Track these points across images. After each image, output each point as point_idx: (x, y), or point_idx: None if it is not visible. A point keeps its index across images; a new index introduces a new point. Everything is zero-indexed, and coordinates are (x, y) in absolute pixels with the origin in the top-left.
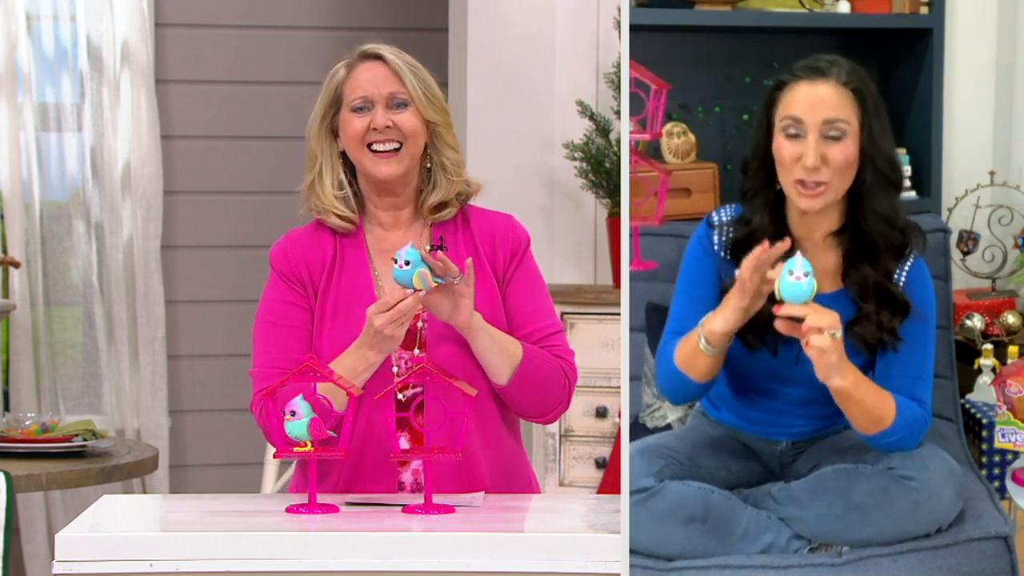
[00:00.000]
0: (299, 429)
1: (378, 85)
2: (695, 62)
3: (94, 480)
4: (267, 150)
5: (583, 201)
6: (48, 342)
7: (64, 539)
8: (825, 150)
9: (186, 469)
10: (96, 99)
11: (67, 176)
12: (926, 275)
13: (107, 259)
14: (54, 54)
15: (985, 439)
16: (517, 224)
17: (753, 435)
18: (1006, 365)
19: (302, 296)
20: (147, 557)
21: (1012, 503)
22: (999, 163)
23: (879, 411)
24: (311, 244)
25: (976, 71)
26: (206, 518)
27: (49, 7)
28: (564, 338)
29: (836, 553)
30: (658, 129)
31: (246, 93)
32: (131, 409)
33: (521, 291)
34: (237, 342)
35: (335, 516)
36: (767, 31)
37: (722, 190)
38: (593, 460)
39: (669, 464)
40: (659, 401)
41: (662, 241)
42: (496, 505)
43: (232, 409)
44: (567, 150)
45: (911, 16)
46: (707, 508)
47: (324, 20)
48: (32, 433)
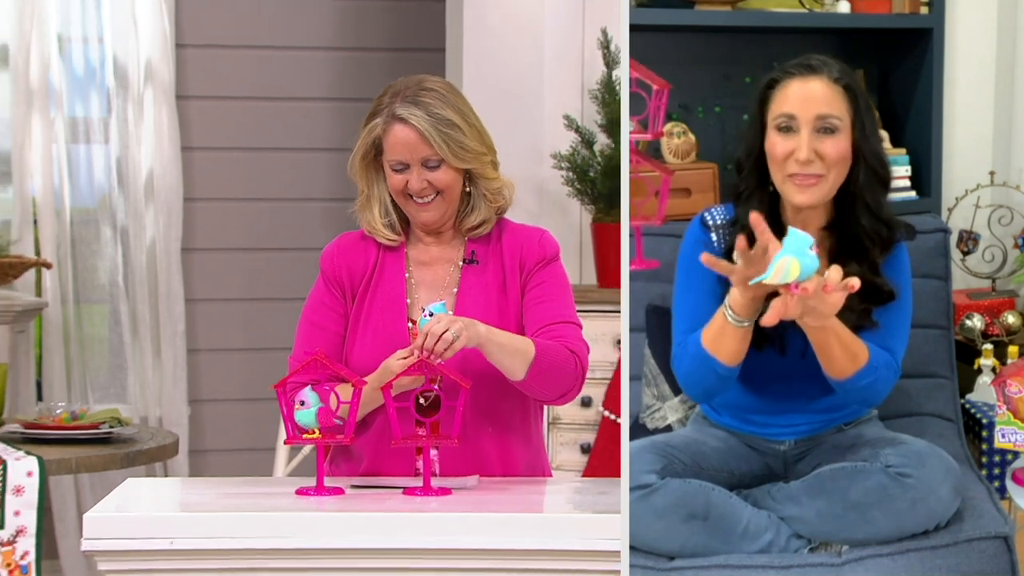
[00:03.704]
0: (307, 417)
1: (411, 150)
2: (695, 62)
3: (119, 464)
4: (279, 160)
5: (569, 208)
6: (77, 337)
7: (92, 519)
8: (818, 144)
9: (204, 454)
10: (122, 114)
11: (95, 184)
12: (904, 256)
13: (132, 261)
14: (83, 72)
15: (985, 439)
16: (546, 236)
17: (756, 436)
18: (1006, 365)
19: (339, 302)
20: (168, 535)
21: (1012, 503)
22: (999, 163)
23: (854, 347)
24: (357, 250)
25: (976, 71)
26: (223, 499)
27: (79, 29)
28: (577, 331)
29: (836, 553)
30: (659, 129)
31: (259, 108)
32: (154, 399)
33: (541, 287)
34: (251, 337)
35: (341, 498)
36: (767, 31)
37: (722, 190)
38: (579, 446)
39: (672, 463)
40: (659, 402)
41: (663, 241)
42: (490, 487)
43: (247, 399)
44: (555, 160)
45: (911, 16)
46: (708, 506)
47: (331, 41)
48: (63, 421)
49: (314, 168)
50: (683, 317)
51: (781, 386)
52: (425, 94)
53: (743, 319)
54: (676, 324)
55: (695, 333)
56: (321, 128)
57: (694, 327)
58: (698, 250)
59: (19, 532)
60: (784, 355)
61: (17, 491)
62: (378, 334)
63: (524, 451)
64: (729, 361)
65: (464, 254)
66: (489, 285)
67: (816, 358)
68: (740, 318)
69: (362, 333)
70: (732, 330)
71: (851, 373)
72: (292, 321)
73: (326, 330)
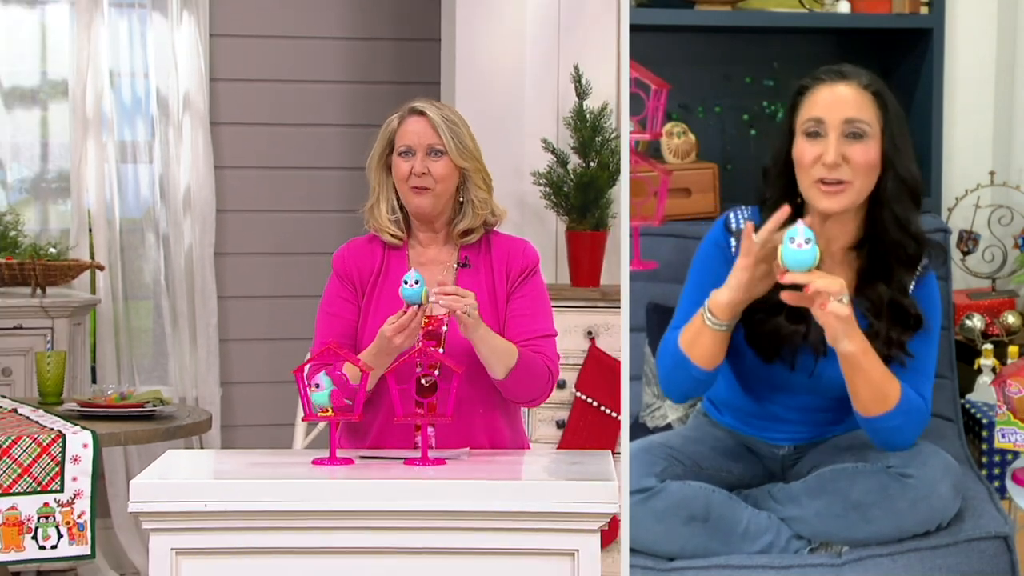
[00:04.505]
0: (322, 398)
1: (420, 136)
2: (695, 62)
3: (161, 438)
4: (299, 177)
5: (547, 218)
6: (126, 329)
7: (138, 485)
8: (846, 149)
9: (234, 429)
10: (164, 138)
11: (141, 198)
12: (935, 284)
13: (172, 263)
14: (131, 103)
15: (985, 439)
16: (529, 247)
17: (756, 438)
18: (1006, 365)
19: (352, 293)
20: (203, 499)
21: (1012, 503)
22: (999, 163)
23: (885, 387)
24: (364, 252)
25: (976, 71)
26: (249, 468)
27: (127, 65)
28: (553, 343)
29: (836, 553)
30: (658, 129)
31: (281, 133)
32: (191, 381)
33: (524, 299)
34: (275, 328)
35: (351, 467)
36: (767, 31)
37: (722, 190)
38: (555, 422)
39: (671, 465)
40: (659, 400)
41: (662, 241)
42: (479, 458)
43: (271, 381)
44: (534, 177)
45: (911, 16)
46: (708, 507)
47: (343, 75)
48: (113, 400)
49: (328, 184)
50: (679, 313)
51: (786, 398)
52: (438, 103)
53: (721, 322)
54: (673, 317)
55: (676, 331)
56: (333, 150)
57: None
58: (714, 253)
59: (77, 495)
60: (793, 371)
61: (75, 460)
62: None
63: (507, 427)
64: (705, 364)
65: (457, 258)
66: (481, 287)
67: (823, 377)
68: (718, 321)
69: (371, 323)
70: (709, 333)
71: (878, 413)
72: (309, 315)
73: (342, 318)
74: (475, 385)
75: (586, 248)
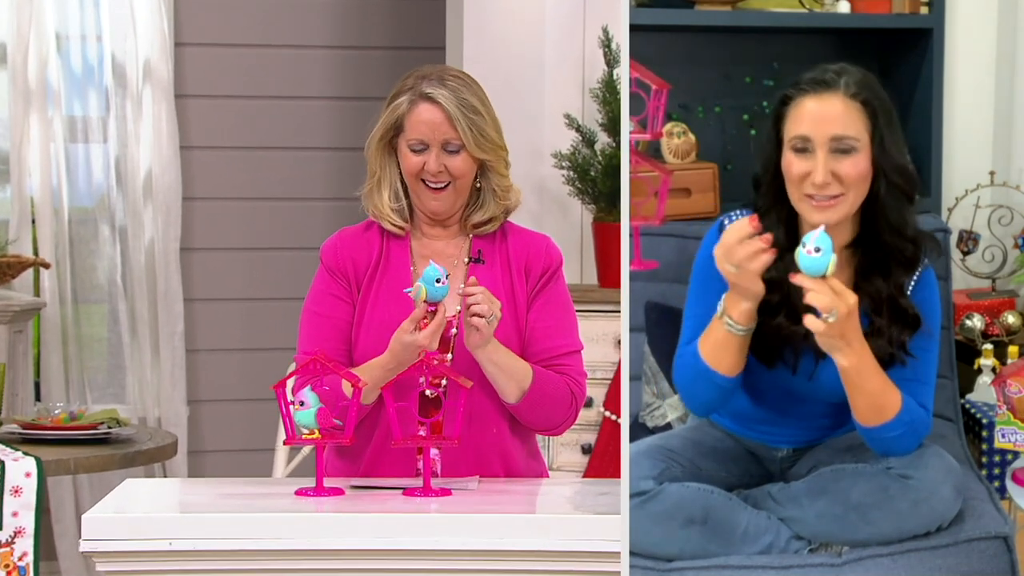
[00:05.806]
0: (307, 418)
1: (434, 130)
2: (695, 62)
3: (118, 465)
4: (278, 159)
5: (570, 207)
6: (76, 337)
7: (90, 519)
8: (835, 165)
9: (203, 455)
10: (120, 112)
11: (93, 184)
12: (934, 284)
13: (130, 260)
14: (81, 71)
15: (985, 439)
16: (552, 244)
17: (754, 440)
18: (1006, 365)
19: (345, 290)
20: (167, 536)
21: (1012, 503)
22: (999, 163)
23: (883, 399)
24: (359, 243)
25: (976, 71)
26: (221, 500)
27: (77, 27)
28: (579, 359)
29: (836, 553)
30: (658, 129)
31: (258, 107)
32: (152, 399)
33: (546, 308)
34: (250, 337)
35: (341, 499)
36: (767, 31)
37: (722, 190)
38: (579, 446)
39: (670, 467)
40: (659, 400)
41: (662, 241)
42: (491, 488)
43: (246, 399)
44: (555, 160)
45: (911, 16)
46: (707, 509)
47: (330, 39)
48: (61, 421)
49: (313, 167)
50: (689, 326)
51: (785, 401)
52: (451, 79)
53: (743, 326)
54: (683, 332)
55: (693, 344)
56: (320, 127)
57: (698, 337)
58: (713, 262)
59: (17, 533)
60: (795, 374)
61: (15, 492)
62: (384, 326)
63: (524, 451)
64: (729, 372)
65: (469, 251)
66: (497, 286)
67: (824, 382)
68: (740, 326)
69: (367, 325)
70: (732, 339)
71: (877, 424)
72: (291, 321)
73: (332, 319)
74: (487, 400)
75: (616, 242)
